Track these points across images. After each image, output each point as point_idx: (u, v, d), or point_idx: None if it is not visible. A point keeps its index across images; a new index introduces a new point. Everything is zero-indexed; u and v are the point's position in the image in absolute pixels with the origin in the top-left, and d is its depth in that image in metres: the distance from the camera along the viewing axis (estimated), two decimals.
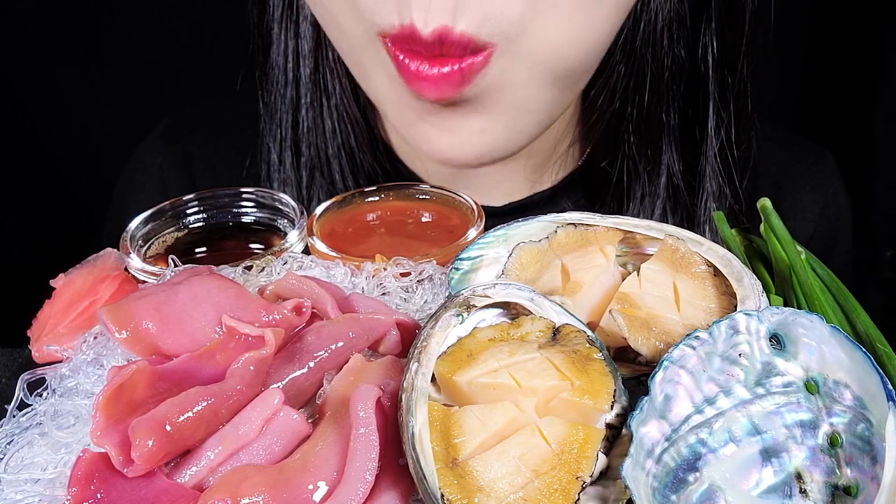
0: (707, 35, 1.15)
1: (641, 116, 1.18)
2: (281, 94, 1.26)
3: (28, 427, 0.71)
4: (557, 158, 1.27)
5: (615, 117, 1.19)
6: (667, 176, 1.21)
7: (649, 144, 1.20)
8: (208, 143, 1.42)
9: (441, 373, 0.67)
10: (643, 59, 1.13)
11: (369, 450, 0.61)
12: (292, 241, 0.94)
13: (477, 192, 1.17)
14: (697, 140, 1.21)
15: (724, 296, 0.77)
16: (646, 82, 1.15)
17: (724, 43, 1.15)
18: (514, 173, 1.26)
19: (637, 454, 0.62)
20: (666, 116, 1.18)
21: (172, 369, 0.69)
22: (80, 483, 0.60)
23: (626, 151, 1.20)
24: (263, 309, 0.75)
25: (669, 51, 1.14)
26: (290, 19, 1.22)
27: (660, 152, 1.20)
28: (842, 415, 0.66)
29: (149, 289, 0.78)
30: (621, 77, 1.15)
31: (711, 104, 1.18)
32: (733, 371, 0.67)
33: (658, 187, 1.21)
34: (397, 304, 0.84)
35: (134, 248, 0.94)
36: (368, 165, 1.27)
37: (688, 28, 1.15)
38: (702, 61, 1.16)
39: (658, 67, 1.14)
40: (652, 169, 1.20)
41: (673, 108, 1.19)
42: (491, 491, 0.60)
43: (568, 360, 0.67)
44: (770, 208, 0.89)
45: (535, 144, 1.17)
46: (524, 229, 0.84)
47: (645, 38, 1.12)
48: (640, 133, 1.19)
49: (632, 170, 1.21)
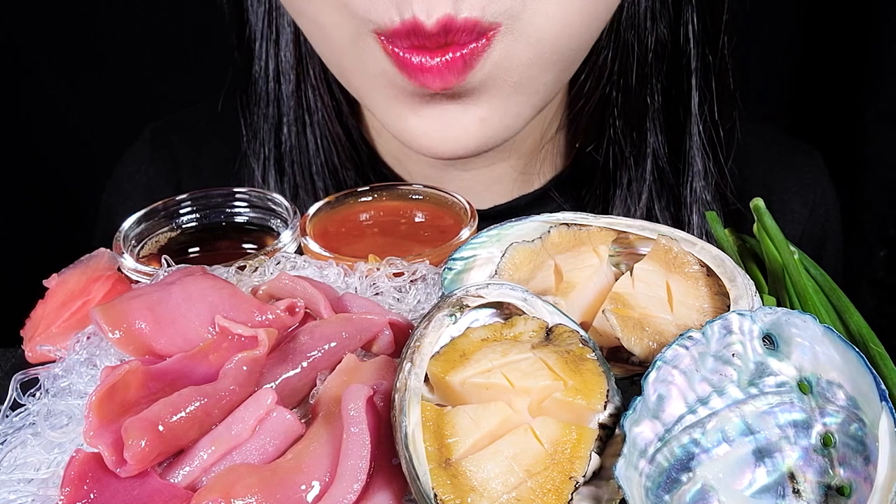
0: (688, 12, 1.15)
1: (627, 100, 1.18)
2: (263, 112, 1.26)
3: (21, 427, 0.71)
4: (545, 154, 1.26)
5: (601, 103, 1.19)
6: (652, 159, 1.21)
7: (634, 128, 1.19)
8: (194, 148, 1.41)
9: (434, 373, 0.67)
10: (627, 41, 1.14)
11: (361, 449, 0.61)
12: (285, 241, 0.94)
13: (465, 195, 1.17)
14: (682, 120, 1.21)
15: (717, 296, 0.77)
16: (630, 65, 1.15)
17: (704, 21, 1.16)
18: (503, 175, 1.26)
19: (630, 454, 0.62)
20: (650, 98, 1.19)
21: (165, 369, 0.69)
22: (73, 483, 0.60)
23: (611, 136, 1.20)
24: (256, 309, 0.75)
25: (653, 31, 1.14)
26: (270, 38, 1.21)
27: (645, 135, 1.20)
28: (835, 415, 0.66)
29: (142, 289, 0.78)
30: (607, 62, 1.15)
31: (694, 81, 1.18)
32: (726, 371, 0.67)
33: (644, 171, 1.21)
34: (390, 304, 0.84)
35: (127, 248, 0.94)
36: (352, 182, 1.27)
37: (669, 7, 1.15)
38: (684, 40, 1.16)
39: (642, 50, 1.15)
40: (638, 153, 1.20)
41: (657, 89, 1.19)
42: (484, 491, 0.60)
43: (561, 360, 0.67)
44: (763, 208, 0.90)
45: (522, 141, 1.18)
46: (517, 229, 0.84)
47: (629, 20, 1.13)
48: (625, 117, 1.19)
49: (617, 154, 1.21)
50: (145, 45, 1.85)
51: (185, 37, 1.83)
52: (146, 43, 1.85)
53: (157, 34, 1.85)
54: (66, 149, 1.95)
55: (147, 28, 1.85)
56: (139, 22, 1.85)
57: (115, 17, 1.84)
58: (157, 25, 1.85)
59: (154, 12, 1.83)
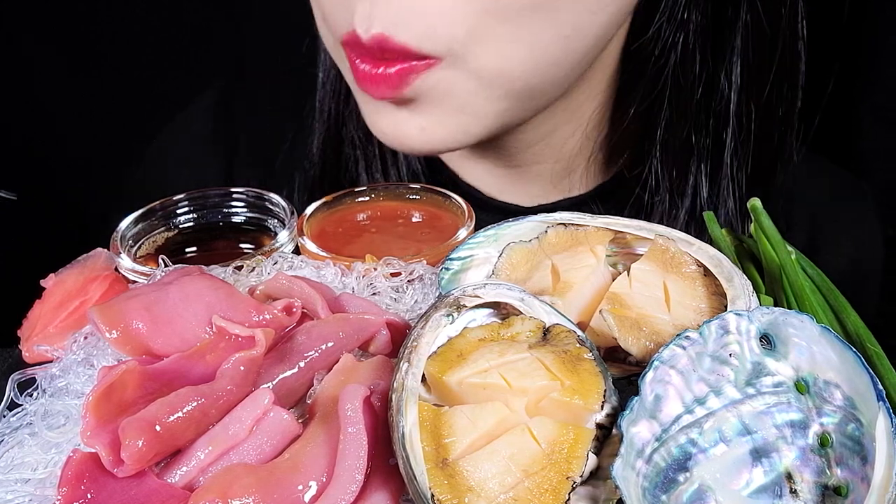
0: (732, 55, 1.14)
1: (669, 133, 1.17)
2: (326, 94, 1.31)
3: (18, 427, 0.71)
4: (584, 167, 1.27)
5: (643, 132, 1.20)
6: (692, 197, 1.20)
7: (675, 164, 1.19)
8: (253, 114, 1.45)
9: (431, 373, 0.67)
10: (662, 71, 1.14)
11: (358, 448, 0.61)
12: (283, 241, 0.94)
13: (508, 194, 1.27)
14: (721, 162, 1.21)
15: (714, 296, 0.78)
16: (666, 96, 1.15)
17: (747, 68, 1.15)
18: (538, 177, 1.27)
19: (627, 454, 0.62)
20: (696, 137, 1.18)
21: (162, 369, 0.69)
22: (70, 483, 0.60)
23: (653, 168, 1.20)
24: (254, 309, 0.75)
25: (692, 70, 1.14)
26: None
27: (686, 175, 1.20)
28: (832, 415, 0.66)
29: (139, 289, 0.78)
30: (646, 85, 1.16)
31: (730, 130, 1.18)
32: (723, 371, 0.67)
33: (680, 210, 1.21)
34: (388, 304, 0.84)
35: (124, 248, 0.94)
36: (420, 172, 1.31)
37: (709, 47, 1.14)
38: (724, 84, 1.16)
39: (686, 84, 1.14)
40: (676, 190, 1.20)
41: (706, 128, 1.18)
42: (481, 491, 0.60)
43: (558, 360, 0.67)
44: (760, 208, 0.89)
45: (554, 149, 1.21)
46: (514, 229, 0.84)
47: (662, 49, 1.12)
48: (666, 150, 1.18)
49: (652, 186, 1.20)
50: (145, 45, 1.85)
51: (185, 37, 1.83)
52: (146, 43, 1.85)
53: (157, 34, 1.84)
54: (65, 149, 1.95)
55: (147, 28, 1.84)
56: (139, 22, 1.84)
57: (115, 17, 1.84)
58: (157, 25, 1.84)
59: (154, 12, 1.83)
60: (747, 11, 1.11)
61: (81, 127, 1.90)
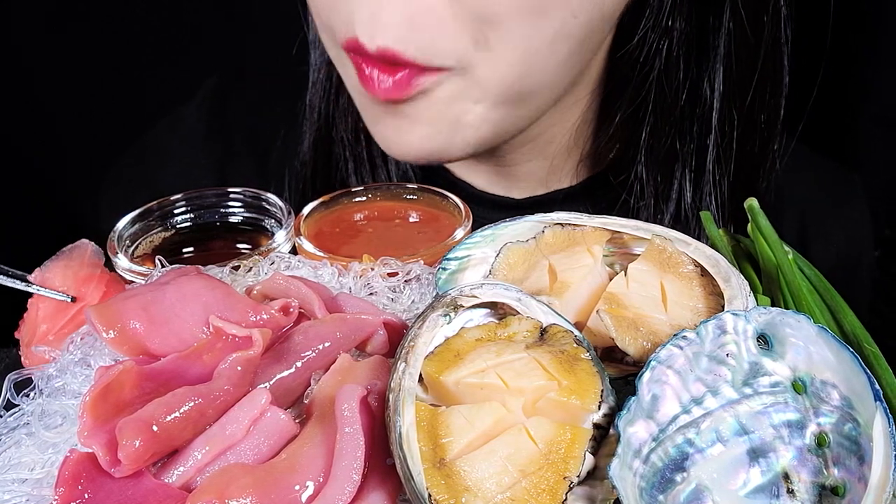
0: (715, 62, 1.16)
1: (654, 138, 1.19)
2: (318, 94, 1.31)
3: (15, 427, 0.71)
4: (573, 165, 1.28)
5: (629, 138, 1.21)
6: (676, 202, 1.22)
7: (660, 171, 1.21)
8: (251, 111, 1.46)
9: (428, 373, 0.67)
10: (648, 77, 1.16)
11: (355, 449, 0.61)
12: (280, 241, 0.94)
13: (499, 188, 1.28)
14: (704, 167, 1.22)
15: (711, 296, 0.78)
16: (650, 102, 1.17)
17: (730, 75, 1.16)
18: (528, 174, 1.29)
19: (624, 454, 0.62)
20: (681, 143, 1.19)
21: (160, 369, 0.69)
22: (67, 483, 0.60)
23: (637, 173, 1.22)
24: (251, 309, 0.75)
25: (676, 77, 1.16)
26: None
27: (671, 181, 1.22)
28: (829, 415, 0.66)
29: (136, 289, 0.78)
30: (633, 89, 1.17)
31: (713, 136, 1.19)
32: (721, 371, 0.67)
33: (665, 215, 1.22)
34: (385, 304, 0.84)
35: (121, 248, 0.94)
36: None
37: (693, 54, 1.16)
38: (707, 91, 1.17)
39: (671, 90, 1.16)
40: (661, 192, 1.22)
41: (690, 135, 1.20)
42: (478, 491, 0.60)
43: (555, 360, 0.67)
44: (757, 208, 0.89)
45: (542, 150, 1.23)
46: (512, 229, 0.84)
47: (648, 56, 1.14)
48: (651, 155, 1.20)
49: (638, 192, 1.22)
50: (144, 45, 1.85)
51: (185, 37, 1.83)
52: (145, 43, 1.85)
53: (156, 34, 1.84)
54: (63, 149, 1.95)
55: (147, 28, 1.84)
56: (139, 22, 1.84)
57: (115, 17, 1.84)
58: (157, 25, 1.84)
59: (154, 12, 1.83)
60: (730, 19, 1.13)
61: (74, 125, 1.90)
